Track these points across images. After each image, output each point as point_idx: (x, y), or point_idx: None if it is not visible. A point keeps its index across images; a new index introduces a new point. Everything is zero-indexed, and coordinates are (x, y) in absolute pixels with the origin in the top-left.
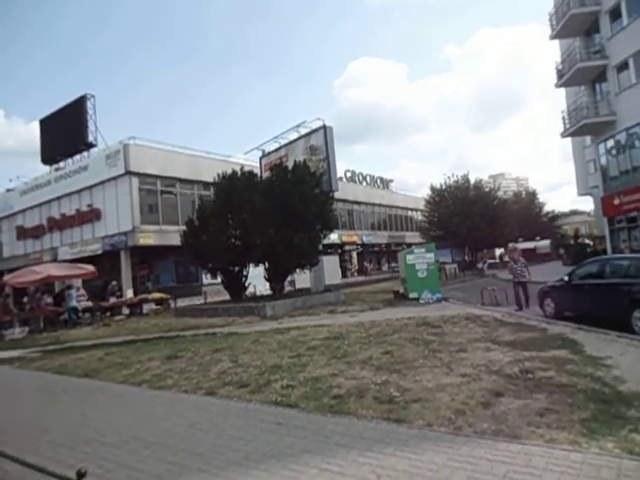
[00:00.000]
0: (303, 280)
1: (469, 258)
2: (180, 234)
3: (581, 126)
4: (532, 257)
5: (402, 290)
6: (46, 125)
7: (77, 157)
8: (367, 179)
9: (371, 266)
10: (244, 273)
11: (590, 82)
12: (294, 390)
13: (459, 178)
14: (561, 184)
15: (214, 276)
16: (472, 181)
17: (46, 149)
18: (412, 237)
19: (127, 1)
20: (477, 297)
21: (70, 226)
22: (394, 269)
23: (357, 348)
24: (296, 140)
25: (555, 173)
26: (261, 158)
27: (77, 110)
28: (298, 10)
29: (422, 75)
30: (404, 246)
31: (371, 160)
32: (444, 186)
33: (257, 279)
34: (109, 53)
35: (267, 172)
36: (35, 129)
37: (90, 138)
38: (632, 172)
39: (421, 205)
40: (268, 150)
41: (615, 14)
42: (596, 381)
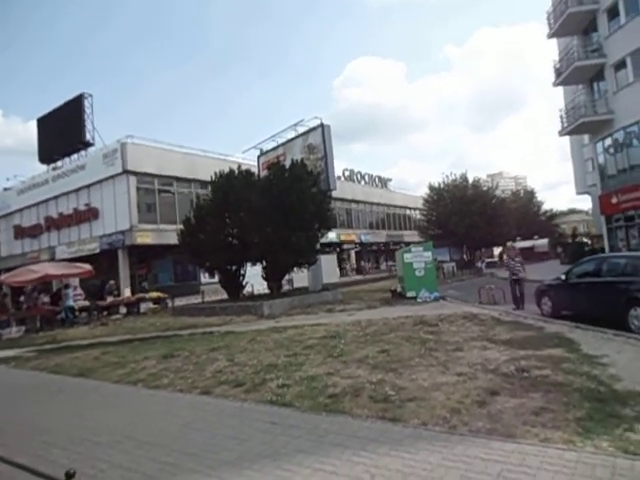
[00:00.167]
0: (301, 279)
1: (467, 257)
2: (178, 233)
3: (579, 125)
4: (530, 256)
5: (399, 289)
6: (44, 124)
7: (75, 156)
8: (365, 178)
9: (369, 265)
10: (241, 272)
11: (588, 81)
12: (289, 389)
13: (457, 177)
14: (559, 183)
15: (212, 275)
16: (470, 180)
17: (44, 148)
18: (410, 236)
19: (127, 1)
20: (475, 296)
21: (68, 225)
22: (391, 268)
23: (353, 347)
24: (294, 139)
25: (554, 172)
26: (259, 157)
27: (75, 109)
28: (298, 10)
29: (421, 75)
30: (402, 245)
31: (370, 159)
32: (442, 185)
33: (255, 278)
34: (108, 53)
35: (265, 171)
36: (33, 128)
37: (88, 137)
38: (629, 170)
39: (420, 204)
40: (266, 149)
41: (613, 13)
42: (592, 380)
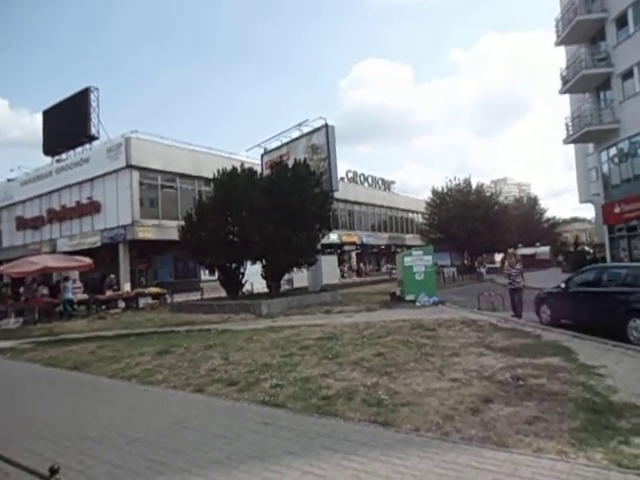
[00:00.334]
0: (301, 279)
1: (468, 262)
2: (178, 229)
3: (584, 133)
4: (531, 263)
5: (399, 292)
6: (49, 116)
7: (79, 149)
8: (369, 180)
9: (370, 267)
10: (241, 270)
11: (594, 89)
12: (283, 390)
13: (461, 182)
14: (563, 191)
15: (212, 272)
16: (474, 185)
17: (48, 140)
18: (412, 239)
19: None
20: (474, 301)
21: (70, 218)
22: (391, 271)
23: (350, 349)
24: (298, 138)
25: (558, 179)
26: (263, 155)
27: (80, 102)
28: (304, 10)
29: (428, 78)
30: (404, 248)
31: (375, 161)
32: (445, 189)
33: (254, 276)
34: (113, 49)
35: (268, 170)
36: (40, 120)
37: (92, 131)
38: (633, 180)
39: (422, 207)
40: (270, 148)
41: (621, 22)
42: (588, 390)
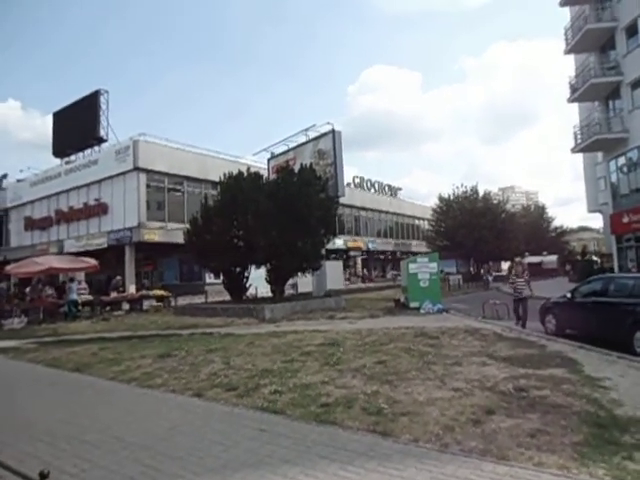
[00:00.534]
0: (305, 284)
1: (474, 270)
2: (184, 232)
3: (593, 142)
4: (538, 272)
5: (403, 299)
6: (59, 118)
7: (88, 151)
8: (375, 186)
9: (375, 273)
10: (245, 274)
11: (603, 98)
12: (282, 396)
13: (468, 189)
14: (571, 200)
15: (217, 276)
16: (481, 193)
17: (58, 142)
18: (418, 246)
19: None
20: (479, 309)
21: (77, 219)
22: (395, 277)
23: (351, 356)
24: (305, 143)
25: (566, 188)
26: (269, 160)
27: (90, 105)
28: (313, 16)
29: (436, 85)
30: (410, 255)
31: (383, 167)
32: (452, 196)
33: (259, 280)
34: (120, 50)
35: (274, 174)
36: (50, 122)
37: (101, 133)
38: None
39: (429, 214)
40: (277, 152)
41: (631, 31)
42: (592, 403)
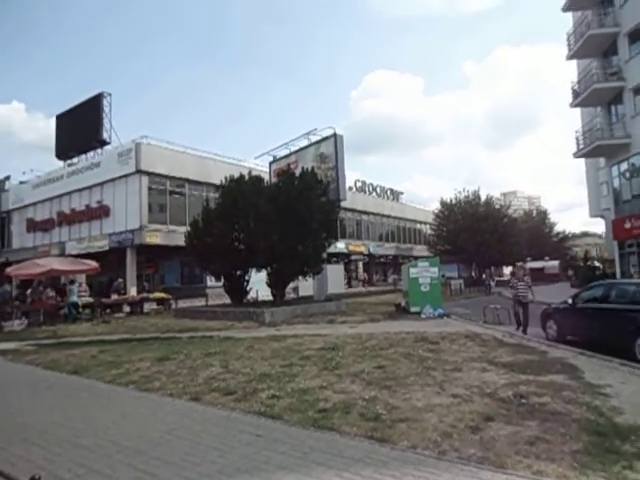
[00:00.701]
0: (306, 287)
1: (476, 274)
2: (185, 235)
3: (595, 147)
4: (540, 277)
5: (404, 303)
6: (62, 121)
7: (90, 153)
8: (377, 190)
9: (377, 277)
10: (246, 278)
11: (606, 103)
12: (280, 401)
13: (470, 194)
14: (574, 205)
15: (218, 279)
16: (483, 197)
17: (61, 144)
18: (420, 250)
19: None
20: (480, 314)
21: (79, 221)
22: (396, 281)
23: (350, 360)
24: (306, 147)
25: (568, 193)
26: (271, 163)
27: (93, 107)
28: (315, 20)
29: (439, 90)
30: (411, 259)
31: (384, 172)
32: (454, 201)
33: (259, 284)
34: (122, 52)
35: (276, 178)
36: (54, 124)
37: (104, 135)
38: None
39: (431, 218)
40: (279, 156)
41: (634, 36)
42: (592, 411)
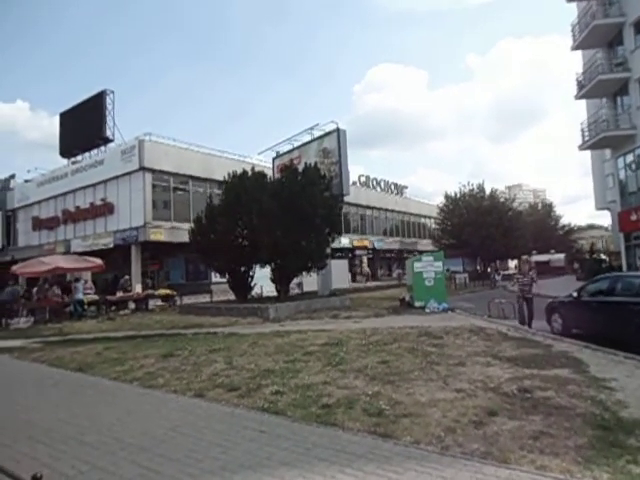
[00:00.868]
0: (311, 283)
1: (481, 268)
2: (189, 231)
3: (600, 139)
4: (546, 270)
5: (408, 298)
6: (66, 119)
7: (94, 151)
8: (381, 184)
9: (381, 272)
10: (250, 274)
11: (611, 95)
12: (283, 397)
13: (474, 187)
14: (580, 197)
15: (222, 275)
16: (487, 191)
17: (65, 142)
18: (425, 245)
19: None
20: (485, 308)
21: (84, 219)
22: (401, 276)
23: (354, 356)
24: (309, 142)
25: (574, 185)
26: (274, 159)
27: (96, 105)
28: (318, 14)
29: (442, 83)
30: (416, 253)
31: (388, 166)
32: (459, 195)
33: (264, 279)
34: (123, 50)
35: (279, 173)
36: (57, 122)
37: (108, 133)
38: None
39: (435, 213)
40: (282, 151)
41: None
42: (597, 405)
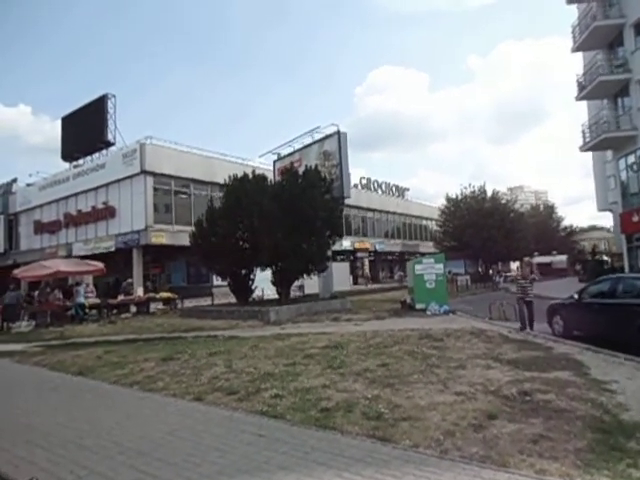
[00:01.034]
0: (312, 285)
1: (483, 270)
2: (189, 235)
3: (601, 140)
4: (548, 272)
5: (409, 300)
6: (67, 123)
7: (95, 155)
8: (382, 187)
9: (383, 274)
10: (251, 276)
11: (612, 96)
12: (282, 400)
13: (476, 189)
14: (581, 198)
15: (223, 278)
16: (489, 192)
17: (66, 146)
18: (426, 247)
19: (143, 1)
20: (486, 311)
21: (85, 222)
22: (402, 278)
23: (354, 359)
24: (310, 145)
25: (576, 186)
26: (275, 162)
27: (98, 109)
28: (319, 16)
29: (444, 85)
30: (417, 255)
31: (390, 168)
32: (460, 196)
33: (265, 282)
34: (123, 53)
35: (280, 176)
36: (59, 126)
37: (109, 137)
38: None
39: (436, 215)
40: (283, 154)
41: None
42: (597, 407)
